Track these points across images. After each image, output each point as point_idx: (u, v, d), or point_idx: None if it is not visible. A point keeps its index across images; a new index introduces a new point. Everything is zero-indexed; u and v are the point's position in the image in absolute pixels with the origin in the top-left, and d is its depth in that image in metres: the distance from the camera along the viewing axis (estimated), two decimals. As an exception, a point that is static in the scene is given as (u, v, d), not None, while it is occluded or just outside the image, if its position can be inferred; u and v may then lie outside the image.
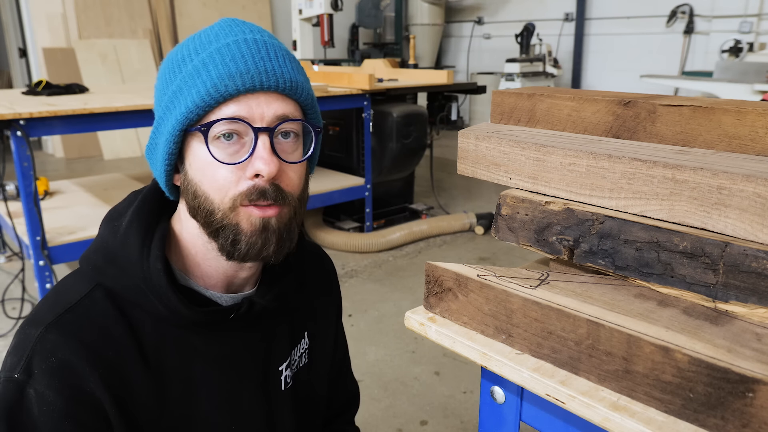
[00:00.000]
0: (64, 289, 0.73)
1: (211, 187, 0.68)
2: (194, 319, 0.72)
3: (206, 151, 0.68)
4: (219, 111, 0.67)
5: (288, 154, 0.71)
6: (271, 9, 8.15)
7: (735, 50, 5.51)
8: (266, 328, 0.82)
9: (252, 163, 0.67)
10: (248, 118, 0.67)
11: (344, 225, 4.06)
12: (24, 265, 2.92)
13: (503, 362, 0.60)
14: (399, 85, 4.00)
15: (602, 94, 0.72)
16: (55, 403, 0.65)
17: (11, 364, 0.67)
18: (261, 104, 0.68)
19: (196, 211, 0.70)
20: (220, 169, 0.68)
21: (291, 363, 0.86)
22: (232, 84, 0.66)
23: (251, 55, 0.67)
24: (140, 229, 0.72)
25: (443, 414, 2.19)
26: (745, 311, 0.54)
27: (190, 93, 0.67)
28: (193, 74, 0.67)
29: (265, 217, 0.69)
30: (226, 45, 0.68)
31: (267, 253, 0.70)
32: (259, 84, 0.67)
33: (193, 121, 0.68)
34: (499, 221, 0.70)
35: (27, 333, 0.68)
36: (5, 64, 8.61)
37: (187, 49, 0.70)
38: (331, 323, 0.97)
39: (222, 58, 0.67)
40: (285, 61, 0.70)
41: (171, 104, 0.69)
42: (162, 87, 0.72)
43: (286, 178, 0.70)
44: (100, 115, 2.62)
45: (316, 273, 0.95)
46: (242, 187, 0.68)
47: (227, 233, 0.69)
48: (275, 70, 0.68)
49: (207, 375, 0.75)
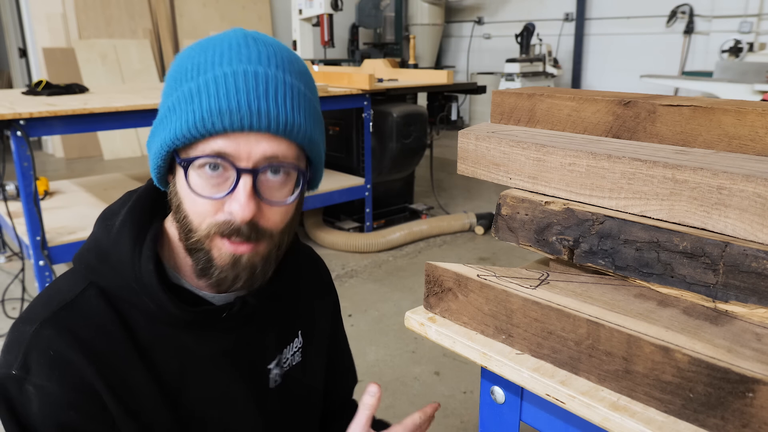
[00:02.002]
0: (57, 288, 0.73)
1: (191, 209, 0.68)
2: (186, 319, 0.72)
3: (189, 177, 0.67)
4: (205, 143, 0.65)
5: (274, 192, 0.68)
6: (271, 9, 8.15)
7: (735, 50, 5.51)
8: (256, 326, 0.82)
9: (229, 202, 0.66)
10: (233, 157, 0.64)
11: (344, 225, 4.06)
12: (24, 265, 2.92)
13: (503, 362, 0.60)
14: (399, 85, 4.00)
15: (602, 94, 0.72)
16: (56, 395, 0.65)
17: (7, 361, 0.67)
18: (250, 143, 0.64)
19: (178, 222, 0.70)
20: (200, 197, 0.67)
21: (282, 361, 0.86)
22: (219, 122, 0.63)
23: (246, 92, 0.63)
24: (133, 229, 0.72)
25: (443, 414, 2.19)
26: (745, 311, 0.54)
27: (179, 119, 0.65)
28: (187, 98, 0.65)
29: (237, 254, 0.68)
30: (223, 75, 0.64)
31: (237, 286, 0.70)
32: (248, 125, 0.63)
33: (179, 147, 0.66)
34: (499, 221, 0.70)
35: (21, 330, 0.69)
36: (5, 64, 8.61)
37: (192, 62, 0.67)
38: (327, 323, 0.97)
39: (216, 89, 0.63)
40: (285, 100, 0.65)
41: (165, 117, 0.68)
42: (167, 90, 0.70)
43: (265, 216, 0.68)
44: (100, 115, 2.62)
45: (310, 275, 0.95)
46: (219, 218, 0.67)
47: (200, 257, 0.69)
48: (269, 111, 0.64)
49: (200, 374, 0.76)
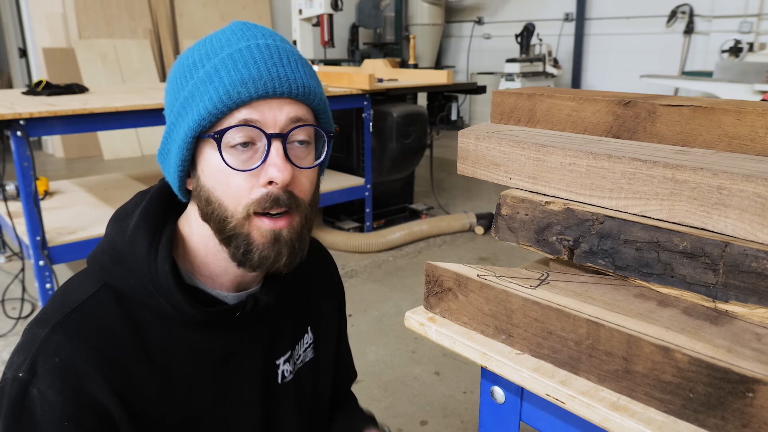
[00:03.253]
0: (71, 289, 0.74)
1: (224, 194, 0.68)
2: (201, 319, 0.73)
3: (219, 158, 0.67)
4: (231, 117, 0.67)
5: (301, 160, 0.71)
6: (271, 9, 8.15)
7: (735, 50, 5.51)
8: (268, 323, 0.82)
9: (265, 170, 0.67)
10: (261, 124, 0.67)
11: (344, 225, 4.06)
12: (24, 265, 2.92)
13: (503, 362, 0.60)
14: (399, 85, 4.00)
15: (602, 94, 0.72)
16: (56, 404, 0.65)
17: (17, 363, 0.68)
18: (274, 109, 0.67)
19: (209, 217, 0.70)
20: (234, 176, 0.68)
21: (293, 357, 0.87)
22: (245, 90, 0.66)
23: (264, 60, 0.67)
24: (148, 231, 0.72)
25: (443, 414, 2.19)
26: (745, 311, 0.54)
27: (202, 99, 0.67)
28: (205, 80, 0.67)
29: (276, 229, 0.69)
30: (239, 50, 0.67)
31: (279, 265, 0.71)
32: (272, 90, 0.66)
33: (206, 127, 0.67)
34: (499, 221, 0.70)
35: (34, 333, 0.69)
36: (5, 64, 8.61)
37: (198, 54, 0.70)
38: (335, 319, 0.98)
39: (234, 63, 0.67)
40: (298, 66, 0.70)
41: (183, 110, 0.69)
42: (173, 92, 0.71)
43: (299, 184, 0.70)
44: (100, 115, 2.62)
45: (319, 269, 0.96)
46: (255, 194, 0.68)
47: (239, 242, 0.69)
48: (288, 75, 0.68)
49: (212, 372, 0.76)
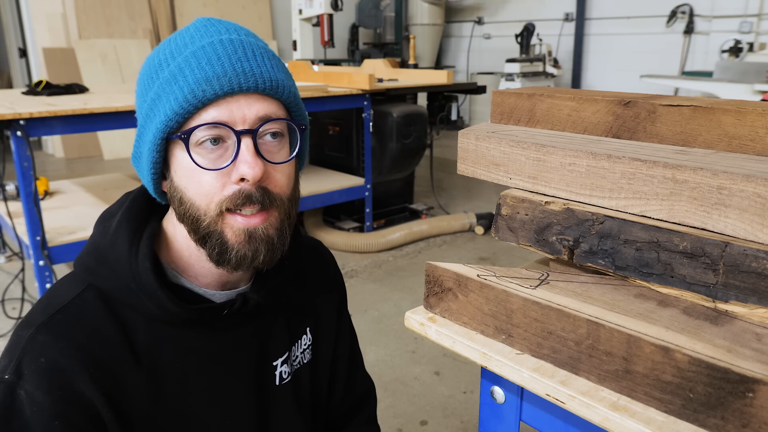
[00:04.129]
0: (57, 291, 0.73)
1: (196, 193, 0.68)
2: (186, 317, 0.72)
3: (189, 158, 0.67)
4: (199, 116, 0.66)
5: (273, 154, 0.69)
6: (271, 9, 8.15)
7: (735, 50, 5.51)
8: (262, 324, 0.82)
9: (236, 167, 0.66)
10: (229, 122, 0.66)
11: (344, 225, 4.06)
12: (24, 265, 2.92)
13: (503, 362, 0.60)
14: (399, 85, 4.00)
15: (602, 94, 0.72)
16: (44, 404, 0.65)
17: (3, 365, 0.67)
18: (242, 106, 0.66)
19: (183, 217, 0.70)
20: (204, 175, 0.67)
21: (290, 359, 0.86)
22: (209, 88, 0.64)
23: (228, 56, 0.66)
24: (129, 229, 0.72)
25: (443, 414, 2.19)
26: (745, 311, 0.54)
27: (168, 100, 0.66)
28: (170, 80, 0.66)
29: (250, 227, 0.68)
30: (202, 48, 0.66)
31: (257, 262, 0.70)
32: (237, 86, 0.65)
33: (174, 128, 0.67)
34: (499, 221, 0.70)
35: (19, 334, 0.69)
36: (5, 64, 8.61)
37: (164, 54, 0.69)
38: (333, 319, 0.96)
39: (198, 61, 0.65)
40: (264, 60, 0.68)
41: (151, 112, 0.68)
42: (141, 94, 0.71)
43: (273, 179, 0.69)
44: (100, 115, 2.62)
45: (316, 268, 0.94)
46: (228, 191, 0.67)
47: (213, 242, 0.69)
48: (254, 70, 0.66)
49: (201, 372, 0.76)
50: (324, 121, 4.16)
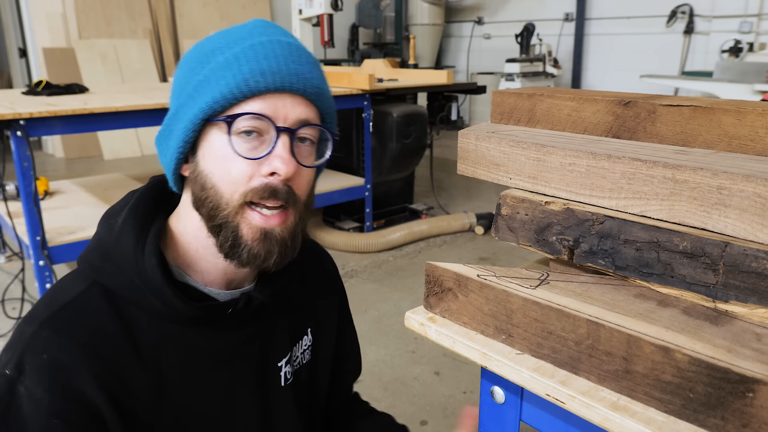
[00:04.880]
0: (60, 288, 0.73)
1: (222, 179, 0.69)
2: (190, 315, 0.72)
3: (224, 142, 0.68)
4: (244, 105, 0.68)
5: (304, 158, 0.72)
6: (271, 9, 8.15)
7: (735, 50, 5.51)
8: (265, 324, 0.82)
9: (270, 161, 0.68)
10: (272, 117, 0.68)
11: (344, 225, 4.06)
12: (24, 265, 2.92)
13: (503, 362, 0.60)
14: (399, 85, 4.00)
15: (602, 94, 0.72)
16: (43, 401, 0.65)
17: (4, 360, 0.67)
18: (286, 105, 0.69)
19: (202, 202, 0.70)
20: (236, 162, 0.68)
21: (292, 359, 0.86)
22: (263, 81, 0.67)
23: (284, 56, 0.69)
24: (135, 226, 0.72)
25: (443, 414, 2.19)
26: (745, 311, 0.54)
27: (218, 84, 0.68)
28: (224, 66, 0.68)
29: (267, 227, 0.69)
30: (260, 43, 0.69)
31: (269, 263, 0.71)
32: (288, 85, 0.68)
33: (217, 111, 0.68)
34: (499, 221, 0.70)
35: (22, 330, 0.69)
36: (5, 64, 8.61)
37: (218, 42, 0.71)
38: (333, 320, 0.96)
39: (255, 54, 0.68)
40: (313, 68, 0.72)
41: (195, 92, 0.69)
42: (186, 75, 0.72)
43: (298, 181, 0.71)
44: (100, 115, 2.62)
45: (316, 270, 0.95)
46: (255, 183, 0.68)
47: (228, 233, 0.69)
48: (305, 74, 0.70)
49: (204, 371, 0.76)
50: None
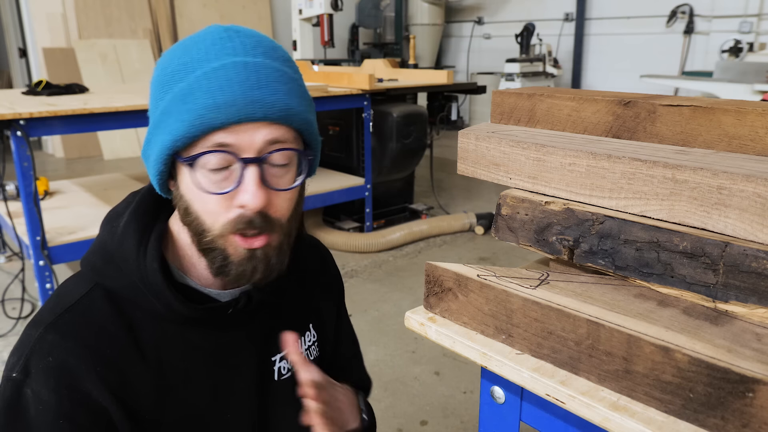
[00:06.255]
0: (64, 291, 0.74)
1: (201, 210, 0.68)
2: (192, 317, 0.73)
3: (194, 178, 0.67)
4: (206, 140, 0.65)
5: (278, 179, 0.69)
6: (271, 9, 8.15)
7: (735, 50, 5.51)
8: (264, 321, 0.82)
9: (238, 195, 0.66)
10: (235, 148, 0.65)
11: (344, 225, 4.06)
12: (24, 265, 2.92)
13: (503, 362, 0.60)
14: (399, 85, 4.00)
15: (602, 94, 0.72)
16: (50, 403, 0.66)
17: (12, 363, 0.69)
18: (250, 132, 0.65)
19: (188, 224, 0.70)
20: (209, 196, 0.67)
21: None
22: (218, 116, 0.63)
23: (240, 82, 0.64)
24: (137, 229, 0.73)
25: (443, 414, 2.19)
26: (745, 311, 0.54)
27: (176, 120, 0.65)
28: (180, 99, 0.65)
29: (251, 249, 0.69)
30: (213, 70, 0.65)
31: (255, 278, 0.70)
32: (245, 116, 0.64)
33: (180, 148, 0.66)
34: (499, 221, 0.70)
35: (28, 334, 0.70)
36: (5, 64, 8.61)
37: (179, 63, 0.67)
38: (333, 316, 0.97)
39: (209, 85, 0.64)
40: (277, 86, 0.67)
41: (160, 122, 0.68)
42: (154, 98, 0.70)
43: (274, 205, 0.69)
44: (100, 115, 2.62)
45: (317, 267, 0.95)
46: (231, 215, 0.67)
47: (215, 255, 0.69)
48: (265, 99, 0.65)
49: (204, 369, 0.76)
50: (324, 121, 4.16)
